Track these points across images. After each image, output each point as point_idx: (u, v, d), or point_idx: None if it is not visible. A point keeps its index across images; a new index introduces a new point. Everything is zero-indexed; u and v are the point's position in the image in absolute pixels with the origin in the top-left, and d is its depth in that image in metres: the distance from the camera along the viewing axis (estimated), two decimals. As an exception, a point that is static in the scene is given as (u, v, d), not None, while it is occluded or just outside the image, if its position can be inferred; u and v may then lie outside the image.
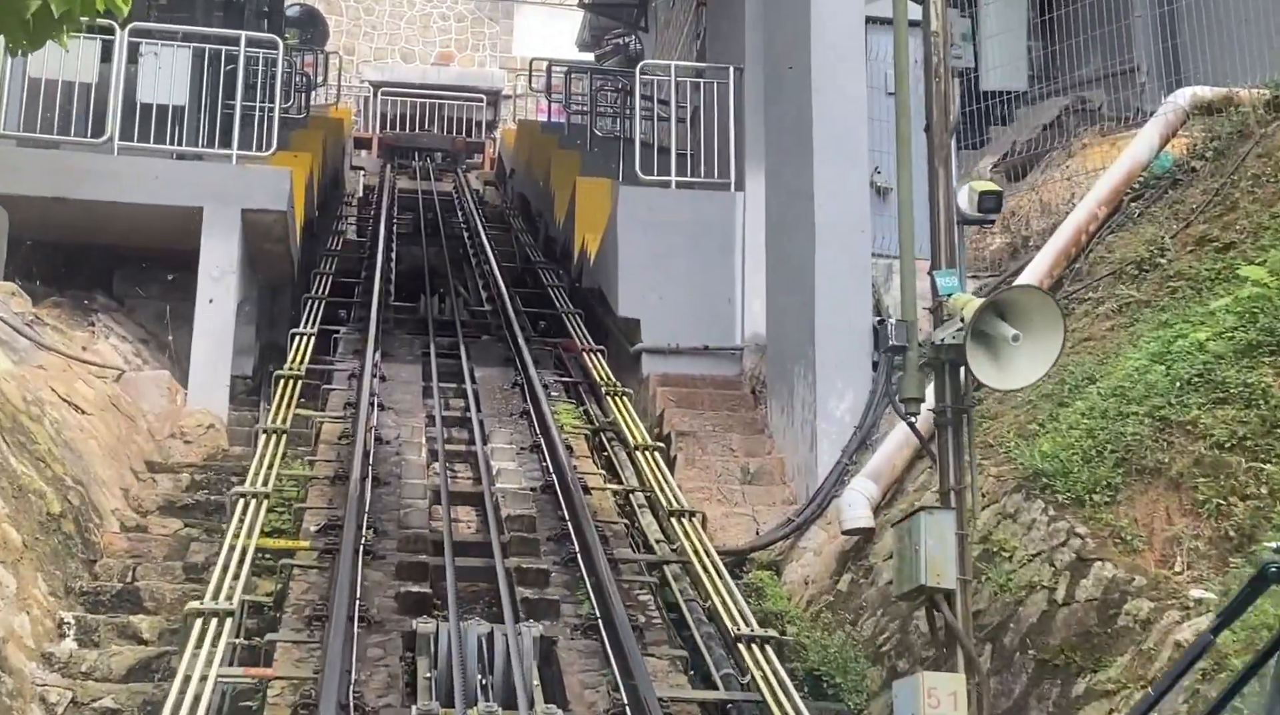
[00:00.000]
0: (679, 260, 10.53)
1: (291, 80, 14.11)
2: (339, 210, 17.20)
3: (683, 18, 21.97)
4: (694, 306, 10.44)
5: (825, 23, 8.95)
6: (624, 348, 10.89)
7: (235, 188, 10.33)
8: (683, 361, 10.34)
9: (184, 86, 10.72)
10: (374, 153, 24.77)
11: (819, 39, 8.93)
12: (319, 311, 11.41)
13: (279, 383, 9.19)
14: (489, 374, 10.63)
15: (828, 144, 8.79)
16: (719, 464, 9.02)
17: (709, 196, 10.81)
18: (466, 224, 17.87)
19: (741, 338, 10.39)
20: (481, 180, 23.79)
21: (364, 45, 28.00)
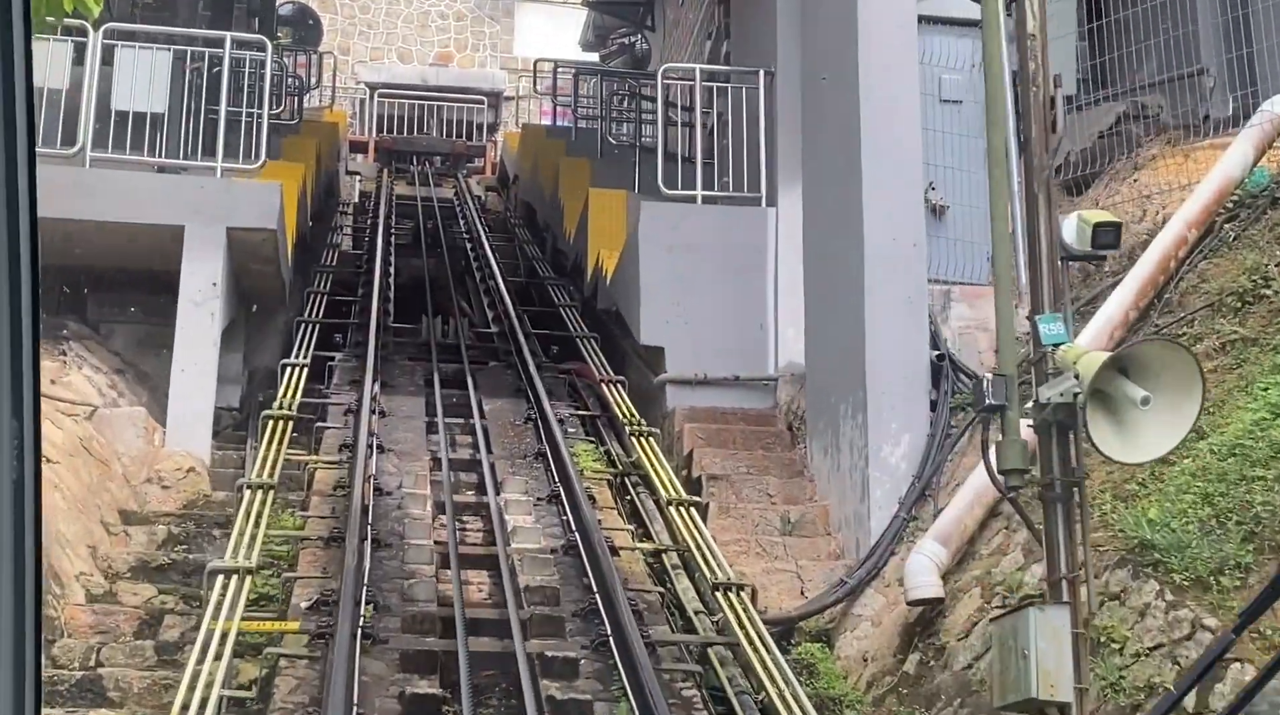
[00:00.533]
0: (706, 282, 9.64)
1: (282, 83, 13.20)
2: (334, 220, 16.29)
3: (693, 16, 21.06)
4: (723, 333, 9.54)
5: (874, 23, 8.04)
6: (645, 376, 9.99)
7: (220, 204, 9.42)
8: (711, 393, 9.43)
9: (164, 92, 9.80)
10: (370, 157, 23.86)
11: (867, 40, 8.02)
12: (312, 336, 10.50)
13: (267, 424, 8.27)
14: (499, 407, 9.72)
15: (877, 157, 7.89)
16: (756, 512, 8.12)
17: (738, 213, 9.91)
18: (469, 234, 16.97)
19: (775, 367, 9.49)
20: (483, 186, 22.88)
21: (360, 45, 27.08)
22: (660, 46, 23.74)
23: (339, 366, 10.37)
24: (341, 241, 15.44)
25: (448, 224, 18.49)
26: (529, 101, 24.90)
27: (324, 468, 8.06)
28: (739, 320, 9.57)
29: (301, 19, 23.91)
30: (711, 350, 9.51)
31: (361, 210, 19.49)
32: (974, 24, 8.32)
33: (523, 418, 9.37)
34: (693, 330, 9.55)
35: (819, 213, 8.70)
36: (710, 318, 9.57)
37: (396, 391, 9.93)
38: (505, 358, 11.26)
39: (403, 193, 21.10)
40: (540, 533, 7.07)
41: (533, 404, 9.58)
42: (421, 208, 19.47)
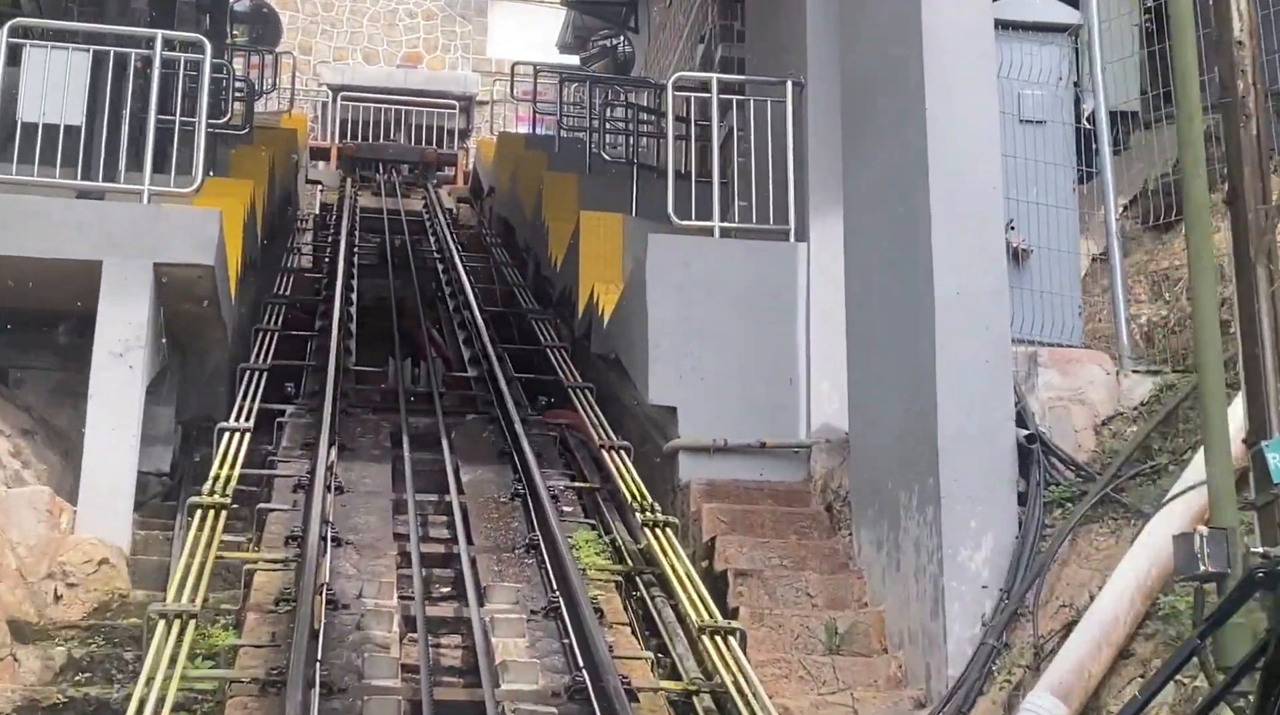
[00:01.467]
0: (725, 330, 8.17)
1: (229, 88, 11.61)
2: (290, 240, 14.71)
3: (682, 18, 19.61)
4: (745, 390, 8.08)
5: (942, 27, 6.60)
6: (650, 437, 8.50)
7: (146, 235, 7.87)
8: (732, 463, 7.96)
9: (80, 100, 8.25)
10: (333, 164, 22.27)
11: (934, 48, 6.57)
12: (259, 387, 8.95)
13: (194, 514, 6.73)
14: (480, 477, 8.20)
15: (948, 189, 6.44)
16: (795, 620, 6.65)
17: (762, 248, 8.44)
18: (440, 253, 15.44)
19: (807, 431, 8.03)
20: (455, 197, 21.34)
21: (322, 44, 25.46)
22: (645, 50, 22.26)
23: (290, 423, 8.82)
24: (298, 262, 13.87)
25: (417, 241, 16.95)
26: (504, 106, 23.39)
27: (266, 569, 6.52)
28: (764, 375, 8.11)
29: (258, 16, 22.28)
30: (732, 410, 8.04)
31: (322, 225, 17.92)
32: (1061, 29, 6.90)
33: (509, 492, 7.86)
34: (710, 386, 8.08)
35: (867, 252, 7.24)
36: (730, 371, 8.10)
37: (358, 456, 8.39)
38: (485, 409, 9.73)
39: (368, 204, 19.54)
40: (539, 669, 5.56)
41: (520, 473, 8.07)
42: (388, 221, 17.91)
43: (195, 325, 8.65)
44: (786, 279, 8.25)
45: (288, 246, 14.15)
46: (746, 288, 8.24)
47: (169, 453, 8.83)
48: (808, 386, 8.08)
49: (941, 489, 6.12)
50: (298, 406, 9.24)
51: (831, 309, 8.08)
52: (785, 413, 8.05)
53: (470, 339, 11.51)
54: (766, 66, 9.36)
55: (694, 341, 8.11)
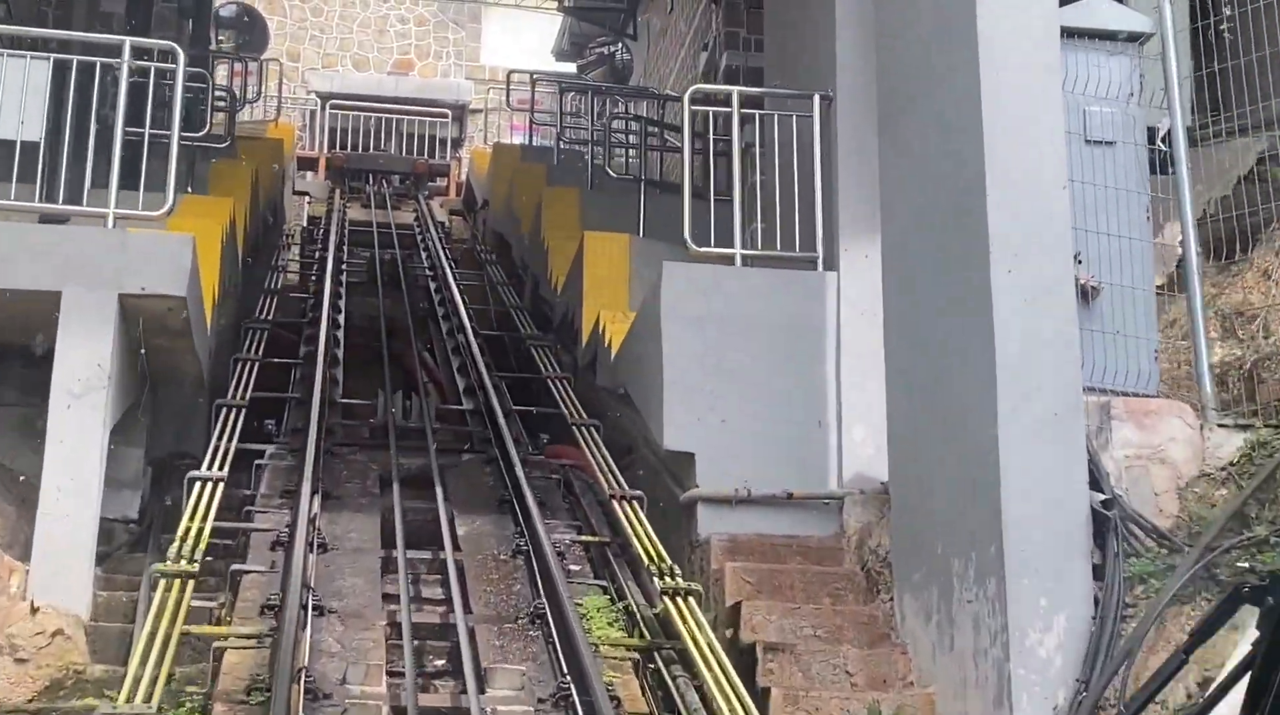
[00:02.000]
0: (748, 367, 7.43)
1: (210, 98, 10.85)
2: (274, 257, 13.95)
3: (684, 25, 18.90)
4: (770, 435, 7.34)
5: (1001, 36, 5.88)
6: (664, 484, 7.76)
7: (110, 263, 7.12)
8: (756, 515, 7.22)
9: (39, 114, 7.51)
10: (321, 175, 21.51)
11: (991, 60, 5.85)
12: (236, 426, 8.19)
13: (160, 585, 5.97)
14: (477, 529, 7.46)
15: (1009, 219, 5.72)
16: (835, 703, 5.90)
17: (788, 278, 7.70)
18: (433, 270, 14.69)
19: (839, 480, 7.29)
20: (447, 209, 20.59)
21: (310, 51, 24.72)
22: (644, 57, 21.55)
23: (270, 466, 8.08)
24: (282, 282, 13.09)
25: (408, 256, 16.19)
26: (498, 115, 22.66)
27: (237, 648, 5.76)
28: (790, 418, 7.37)
29: (244, 21, 21.56)
30: (755, 457, 7.30)
31: (309, 239, 17.18)
32: (1132, 38, 6.18)
33: (510, 547, 7.11)
34: (731, 430, 7.34)
35: (911, 286, 6.51)
36: (753, 414, 7.36)
37: (343, 504, 7.64)
38: (482, 447, 8.99)
39: (357, 217, 18.78)
40: (549, 779, 4.84)
41: (521, 524, 7.34)
42: (378, 235, 17.16)
43: (167, 359, 7.90)
44: (814, 312, 7.52)
45: (272, 264, 13.39)
46: (771, 321, 7.50)
47: (137, 497, 8.08)
48: (839, 431, 7.35)
49: (1006, 561, 5.39)
50: (279, 446, 8.50)
51: (865, 345, 7.37)
52: (814, 460, 7.32)
53: (465, 366, 10.77)
54: (787, 78, 8.64)
55: (713, 381, 7.37)
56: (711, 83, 17.03)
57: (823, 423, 7.38)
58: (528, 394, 10.23)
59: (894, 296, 6.73)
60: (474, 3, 25.21)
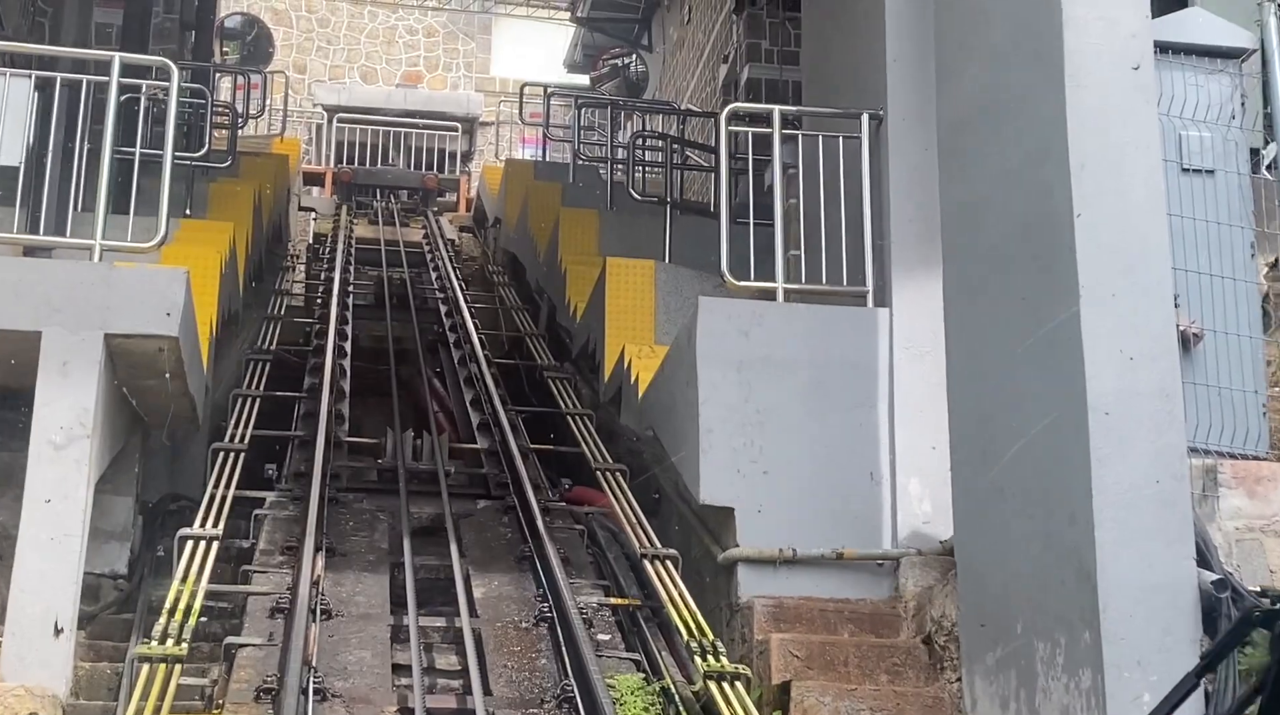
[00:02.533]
0: (792, 414, 6.79)
1: (209, 115, 10.22)
2: (278, 280, 13.32)
3: (703, 37, 18.30)
4: (817, 488, 6.69)
5: (1087, 49, 5.23)
6: (698, 538, 7.11)
7: (95, 300, 6.47)
8: (803, 577, 6.57)
9: (19, 137, 6.89)
10: (328, 191, 20.93)
11: (1079, 77, 5.21)
12: (234, 472, 7.55)
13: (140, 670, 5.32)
14: (496, 590, 6.81)
15: (1102, 257, 5.08)
16: (901, 801, 5.25)
17: (835, 315, 7.05)
18: (443, 292, 14.06)
19: (893, 539, 6.64)
20: (457, 226, 19.98)
21: (317, 63, 24.14)
22: (659, 69, 20.95)
23: (270, 518, 7.44)
24: (286, 306, 12.46)
25: (417, 275, 15.61)
26: (509, 128, 22.06)
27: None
28: (839, 469, 6.73)
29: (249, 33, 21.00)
30: (801, 513, 6.65)
31: (315, 257, 16.59)
32: (1233, 55, 5.54)
33: (532, 614, 6.46)
34: (774, 483, 6.69)
35: (979, 328, 5.87)
36: (798, 465, 6.72)
37: (349, 563, 7.00)
38: (499, 493, 8.34)
39: (364, 235, 18.20)
40: None
41: (544, 586, 6.68)
42: (386, 253, 16.58)
43: (157, 401, 7.26)
44: (864, 352, 6.88)
45: (275, 288, 12.76)
46: (816, 363, 6.86)
47: (126, 550, 7.45)
48: (892, 484, 6.70)
49: (1105, 650, 4.73)
50: (280, 493, 7.86)
51: (921, 390, 6.73)
52: (866, 516, 6.67)
53: (479, 400, 10.13)
54: (828, 95, 8.00)
55: (754, 429, 6.72)
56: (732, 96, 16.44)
57: (875, 475, 6.73)
58: (545, 428, 9.59)
59: (959, 339, 6.08)
60: (484, 14, 24.62)
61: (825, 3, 8.31)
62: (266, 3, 23.34)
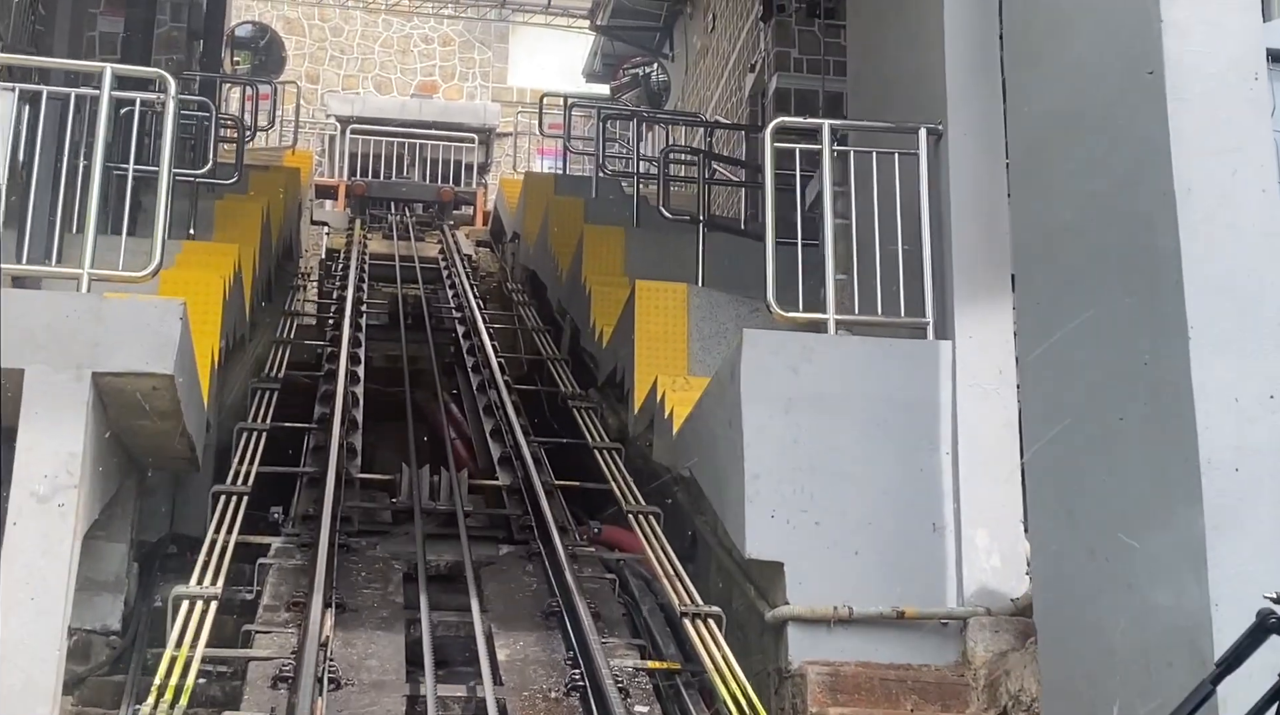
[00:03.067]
0: (846, 459, 6.19)
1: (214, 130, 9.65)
2: (288, 300, 12.75)
3: (727, 45, 17.73)
4: (874, 540, 6.09)
5: (1189, 58, 4.63)
6: (741, 591, 6.51)
7: (83, 336, 5.91)
8: (859, 639, 5.96)
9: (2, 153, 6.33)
10: (341, 204, 20.40)
11: (1182, 91, 4.61)
12: (236, 518, 6.98)
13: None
14: (522, 652, 6.21)
15: (1210, 299, 4.47)
16: None
17: (892, 349, 6.44)
18: (460, 311, 13.48)
19: (959, 596, 6.03)
20: (473, 240, 19.41)
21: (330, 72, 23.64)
22: (681, 79, 20.41)
23: (275, 568, 6.86)
24: (296, 328, 11.90)
25: (432, 293, 15.05)
26: (527, 139, 21.51)
27: None
28: (899, 519, 6.12)
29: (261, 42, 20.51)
30: (857, 567, 6.05)
31: (327, 274, 16.05)
32: (1356, 61, 4.92)
33: (563, 681, 5.86)
34: (827, 534, 6.09)
35: (1062, 367, 5.25)
36: (854, 515, 6.11)
37: (360, 620, 6.41)
38: (522, 537, 7.76)
39: (378, 250, 17.64)
40: None
41: (574, 648, 6.09)
42: (400, 269, 16.01)
43: (152, 441, 6.70)
44: (925, 389, 6.27)
45: (285, 309, 12.20)
46: (873, 401, 6.26)
47: (119, 603, 6.88)
48: (957, 535, 6.09)
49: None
50: (286, 539, 7.29)
51: (988, 431, 6.13)
52: (929, 570, 6.06)
53: (499, 430, 9.54)
54: (879, 107, 7.41)
55: (805, 475, 6.12)
56: (759, 107, 15.87)
57: (937, 525, 6.12)
58: (572, 467, 9.01)
59: (1036, 379, 5.47)
60: (501, 22, 24.09)
61: (873, 8, 7.72)
62: (278, 11, 22.85)
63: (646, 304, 8.82)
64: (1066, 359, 5.23)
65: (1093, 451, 4.99)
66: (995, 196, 6.31)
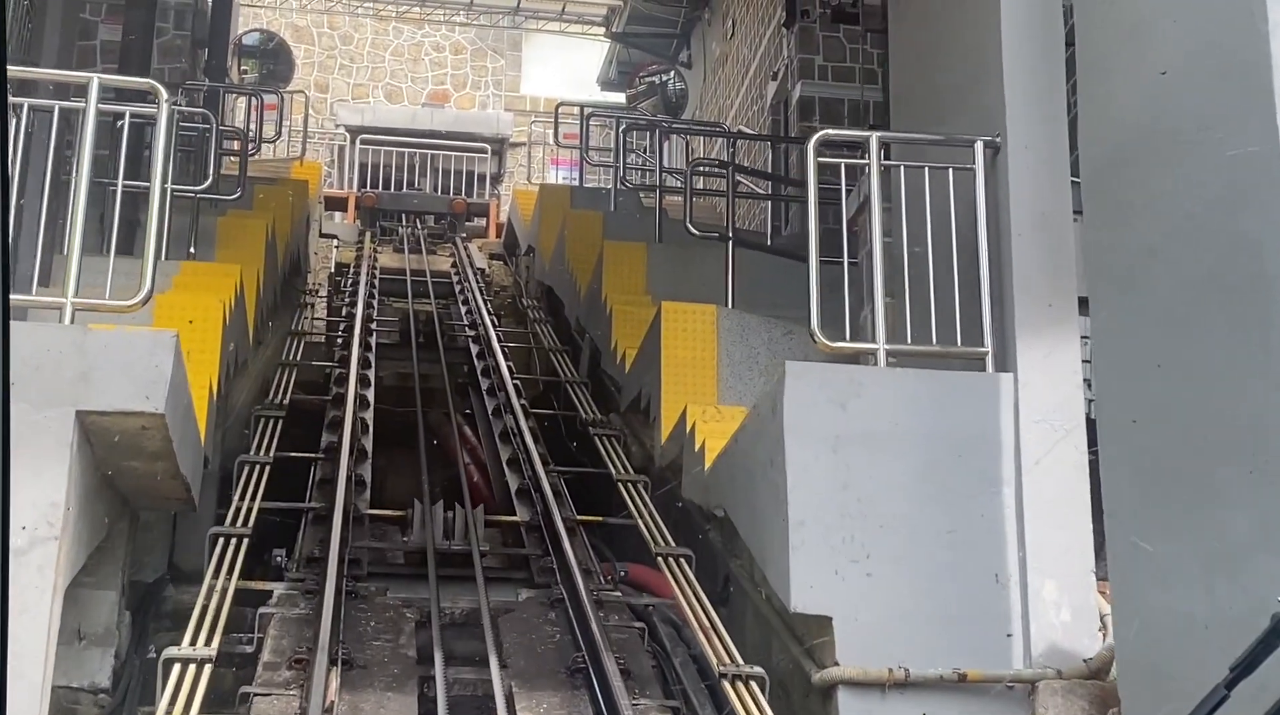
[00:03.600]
0: (900, 503, 5.66)
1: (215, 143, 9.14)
2: (295, 320, 12.26)
3: (748, 52, 17.23)
4: (932, 593, 5.55)
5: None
6: (784, 646, 5.97)
7: (66, 371, 5.40)
8: (917, 703, 5.43)
9: None
10: (350, 216, 19.93)
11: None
12: (235, 564, 6.47)
13: None
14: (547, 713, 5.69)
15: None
16: None
17: (947, 382, 5.91)
18: (474, 328, 12.99)
19: (1027, 656, 5.49)
20: (486, 253, 18.92)
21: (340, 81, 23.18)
22: (699, 87, 19.90)
23: (277, 619, 6.34)
24: (303, 348, 11.40)
25: (445, 308, 14.56)
26: (541, 149, 21.02)
27: None
28: (959, 570, 5.59)
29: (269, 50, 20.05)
30: (914, 623, 5.52)
31: (336, 289, 15.55)
32: None
33: (593, 751, 5.34)
34: (880, 587, 5.55)
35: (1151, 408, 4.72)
36: (909, 565, 5.58)
37: (370, 677, 5.89)
38: (543, 580, 7.23)
39: (389, 264, 17.14)
40: None
41: (603, 712, 5.56)
42: (412, 284, 15.51)
43: (142, 483, 6.20)
44: (985, 427, 5.74)
45: (292, 329, 11.70)
46: (928, 441, 5.73)
47: (109, 657, 6.37)
48: (1023, 587, 5.55)
49: None
50: (290, 584, 6.77)
51: (1056, 474, 5.60)
52: (992, 627, 5.53)
53: (516, 460, 9.02)
54: (926, 118, 6.89)
55: (855, 522, 5.59)
56: (781, 116, 15.34)
57: (1001, 576, 5.58)
58: (594, 500, 8.49)
59: (1115, 418, 4.93)
60: (514, 29, 23.61)
61: (920, 10, 7.20)
62: (287, 19, 22.42)
63: (673, 327, 8.30)
64: (1153, 398, 4.69)
65: (1188, 503, 4.46)
66: (1060, 215, 5.79)
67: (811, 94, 14.37)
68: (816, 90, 14.38)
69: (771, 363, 8.23)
